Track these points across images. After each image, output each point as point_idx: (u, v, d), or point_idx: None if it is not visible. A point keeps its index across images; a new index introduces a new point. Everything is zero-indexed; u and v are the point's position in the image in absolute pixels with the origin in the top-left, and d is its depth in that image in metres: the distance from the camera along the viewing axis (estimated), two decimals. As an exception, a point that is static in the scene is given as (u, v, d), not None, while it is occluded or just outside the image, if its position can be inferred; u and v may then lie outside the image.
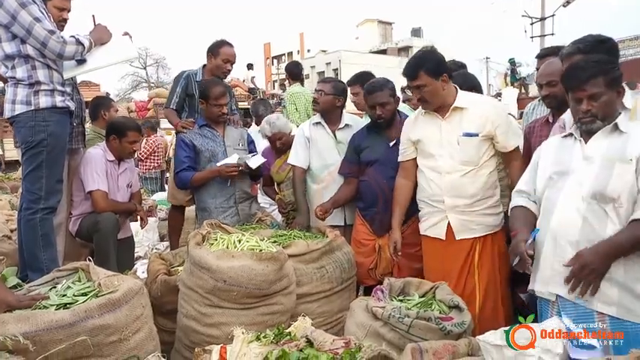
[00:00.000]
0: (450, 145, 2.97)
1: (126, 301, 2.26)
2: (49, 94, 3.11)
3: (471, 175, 2.96)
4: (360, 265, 3.47)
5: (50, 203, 3.14)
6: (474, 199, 2.97)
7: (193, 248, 2.67)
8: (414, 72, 2.93)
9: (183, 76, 4.31)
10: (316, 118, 3.83)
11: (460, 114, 2.97)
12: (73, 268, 2.60)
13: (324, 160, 3.76)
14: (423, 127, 3.08)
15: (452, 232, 3.02)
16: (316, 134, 3.78)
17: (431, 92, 2.93)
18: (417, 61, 2.97)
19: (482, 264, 3.00)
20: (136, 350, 2.29)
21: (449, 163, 2.97)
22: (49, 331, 2.06)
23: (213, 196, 3.78)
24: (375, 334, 2.48)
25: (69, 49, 3.12)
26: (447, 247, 3.04)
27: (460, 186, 2.96)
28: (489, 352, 1.84)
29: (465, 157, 2.95)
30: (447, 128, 2.98)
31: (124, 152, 3.77)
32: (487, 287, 3.01)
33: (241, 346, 2.13)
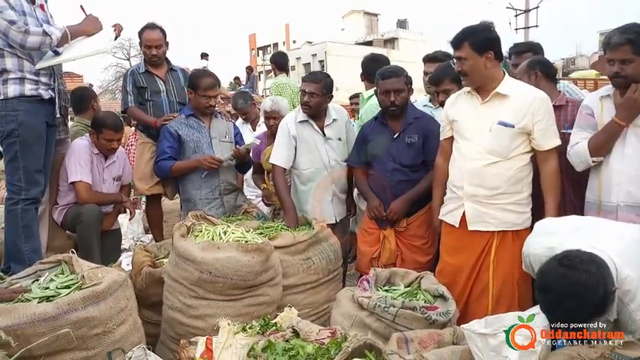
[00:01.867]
0: (482, 132, 2.81)
1: (110, 294, 2.24)
2: (18, 82, 3.06)
3: (496, 166, 2.78)
4: (364, 254, 3.47)
5: (31, 194, 3.09)
6: (495, 192, 2.80)
7: (178, 240, 2.65)
8: (459, 42, 2.79)
9: (129, 73, 4.26)
10: (301, 116, 3.66)
11: (501, 101, 2.80)
12: (56, 260, 2.56)
13: (314, 158, 3.64)
14: (462, 107, 2.95)
15: (464, 220, 2.90)
16: (303, 133, 3.64)
17: (471, 67, 2.77)
18: (464, 32, 2.81)
19: (498, 261, 2.84)
20: (120, 342, 2.28)
21: (475, 149, 2.83)
22: (32, 324, 2.04)
23: (197, 187, 3.74)
24: (361, 324, 2.49)
25: (31, 39, 3.04)
26: (462, 237, 2.92)
27: (482, 175, 2.81)
28: (474, 340, 1.86)
29: (493, 147, 2.78)
30: (484, 113, 2.83)
31: (103, 148, 3.68)
32: (502, 287, 2.85)
33: (227, 337, 2.13)
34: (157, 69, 4.21)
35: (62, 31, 3.17)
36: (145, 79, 4.16)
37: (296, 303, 2.89)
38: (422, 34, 45.15)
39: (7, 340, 1.92)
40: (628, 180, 2.56)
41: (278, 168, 3.62)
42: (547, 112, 2.78)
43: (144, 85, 4.14)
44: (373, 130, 3.50)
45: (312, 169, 3.64)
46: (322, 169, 3.64)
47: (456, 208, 2.94)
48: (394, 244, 3.37)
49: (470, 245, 2.89)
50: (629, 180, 2.55)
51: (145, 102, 4.14)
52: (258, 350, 1.92)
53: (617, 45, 2.40)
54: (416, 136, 3.35)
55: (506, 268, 2.83)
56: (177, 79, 4.28)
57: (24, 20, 3.06)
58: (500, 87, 2.80)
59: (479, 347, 1.84)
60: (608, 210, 2.63)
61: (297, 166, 3.68)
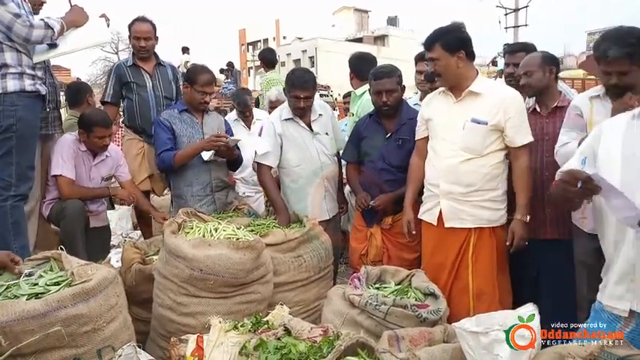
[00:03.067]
0: (455, 129, 2.87)
1: (100, 291, 2.22)
2: (18, 77, 3.02)
3: (470, 164, 2.84)
4: (354, 250, 3.52)
5: (21, 190, 3.05)
6: (470, 189, 2.86)
7: (169, 237, 2.63)
8: (430, 43, 2.85)
9: (115, 67, 4.25)
10: (286, 114, 3.62)
11: (474, 99, 2.86)
12: (45, 257, 2.54)
13: (304, 155, 3.60)
14: (435, 106, 3.01)
15: (442, 218, 2.95)
16: (290, 130, 3.61)
17: (444, 67, 2.83)
18: (435, 33, 2.87)
19: (477, 258, 2.90)
20: (110, 340, 2.26)
21: (449, 147, 2.88)
22: (21, 321, 2.02)
23: (189, 184, 3.71)
24: (352, 321, 2.50)
25: (36, 33, 3.02)
26: (440, 234, 2.98)
27: (457, 172, 2.86)
28: (465, 338, 1.87)
29: (467, 144, 2.84)
30: (457, 111, 2.89)
31: (94, 147, 3.61)
32: (482, 283, 2.89)
33: (218, 335, 2.12)
34: (144, 63, 4.18)
35: (60, 23, 3.14)
36: (131, 73, 4.13)
37: (287, 301, 2.88)
38: (412, 32, 45.26)
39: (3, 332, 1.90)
40: None
41: (264, 167, 3.58)
42: (519, 109, 2.86)
43: (129, 80, 4.11)
44: (367, 127, 3.50)
45: (303, 166, 3.61)
46: (313, 165, 3.61)
47: (434, 206, 2.99)
48: (380, 241, 3.39)
49: (448, 243, 2.95)
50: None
51: (132, 96, 4.11)
52: (250, 348, 1.91)
53: (616, 58, 2.38)
54: (408, 137, 3.34)
55: (485, 265, 2.89)
56: (165, 74, 4.26)
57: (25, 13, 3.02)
58: (474, 85, 2.86)
59: (470, 345, 1.85)
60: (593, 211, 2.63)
61: (286, 164, 3.64)
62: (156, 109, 4.11)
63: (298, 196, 3.64)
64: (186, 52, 16.47)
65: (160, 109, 4.09)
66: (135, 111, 4.12)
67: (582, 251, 2.73)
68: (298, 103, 3.52)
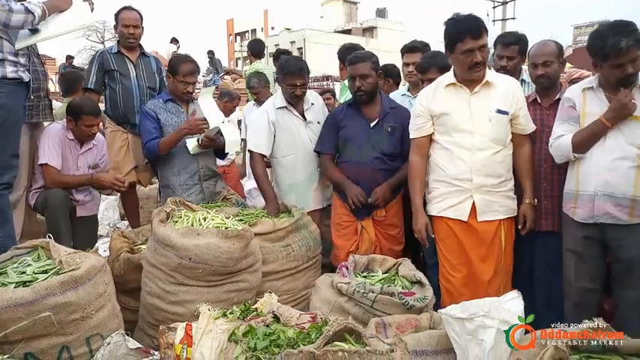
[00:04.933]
0: (481, 122, 2.83)
1: (88, 279, 2.23)
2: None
3: (500, 155, 2.85)
4: (341, 248, 3.40)
5: (5, 179, 3.01)
6: (500, 180, 2.87)
7: (157, 226, 2.63)
8: (480, 31, 2.75)
9: (98, 53, 4.21)
10: (279, 102, 3.60)
11: (488, 89, 2.85)
12: (32, 245, 2.53)
13: (296, 143, 3.58)
14: (448, 100, 2.90)
15: (474, 213, 2.86)
16: (283, 119, 3.58)
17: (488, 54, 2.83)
18: (481, 22, 2.79)
19: (506, 248, 2.91)
20: (99, 328, 2.27)
21: (479, 139, 2.83)
22: (8, 309, 2.02)
23: (176, 173, 3.70)
24: (340, 309, 2.53)
25: (15, 17, 2.96)
26: (468, 230, 2.88)
27: (491, 164, 2.84)
28: (451, 324, 1.91)
29: (496, 135, 2.84)
30: (477, 103, 2.84)
31: (82, 135, 3.58)
32: (507, 273, 2.94)
33: (207, 322, 2.14)
34: (129, 52, 4.16)
35: (41, 8, 3.09)
36: (115, 61, 4.09)
37: (275, 289, 2.89)
38: (401, 24, 45.29)
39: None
40: (607, 170, 2.59)
41: (257, 155, 3.56)
42: (523, 97, 2.96)
43: (113, 68, 4.07)
44: (346, 116, 3.45)
45: (296, 155, 3.59)
46: (306, 154, 3.59)
47: (462, 201, 2.88)
48: (373, 234, 3.34)
49: (478, 237, 2.88)
50: (609, 170, 2.59)
51: (115, 85, 4.08)
52: (239, 335, 1.93)
53: (630, 47, 2.44)
54: (396, 125, 3.34)
55: (510, 255, 2.95)
56: (149, 64, 4.24)
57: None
58: (488, 75, 2.86)
59: (456, 331, 1.89)
60: (585, 199, 2.66)
61: (279, 152, 3.62)
62: (139, 99, 4.09)
63: (291, 185, 3.62)
64: (174, 42, 16.30)
65: (143, 99, 4.06)
66: (118, 100, 4.09)
67: (571, 240, 2.77)
68: (295, 91, 3.49)
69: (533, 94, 3.15)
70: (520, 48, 3.36)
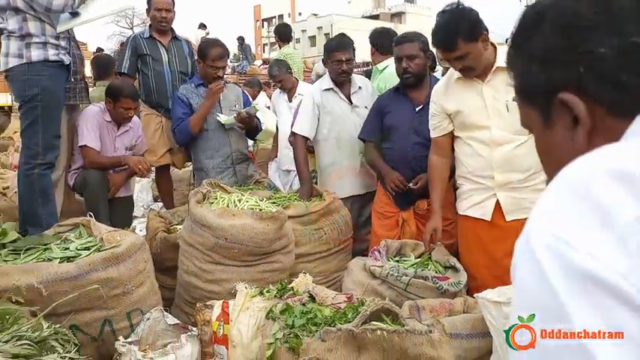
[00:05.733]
0: (498, 113, 2.57)
1: (129, 256, 2.29)
2: (42, 47, 3.05)
3: (525, 146, 2.50)
4: (381, 238, 3.19)
5: (48, 159, 3.11)
6: (528, 173, 2.56)
7: (194, 206, 2.68)
8: (452, 43, 2.51)
9: (131, 38, 4.26)
10: (326, 84, 3.54)
11: (503, 74, 2.49)
12: (74, 223, 2.61)
13: (340, 127, 3.53)
14: (460, 96, 2.69)
15: (499, 212, 2.62)
16: (329, 101, 3.53)
17: (474, 59, 2.53)
18: (448, 31, 2.52)
19: None
20: (139, 304, 2.33)
21: (499, 133, 2.57)
22: (55, 282, 2.09)
23: (210, 156, 3.76)
24: (373, 291, 2.54)
25: (57, 1, 3.02)
26: (492, 230, 2.65)
27: (514, 159, 2.55)
28: (488, 308, 1.91)
29: (517, 125, 2.53)
30: (491, 93, 2.60)
31: (119, 117, 3.65)
32: None
33: (244, 300, 2.18)
34: (161, 36, 4.19)
35: None
36: (147, 45, 4.14)
37: (307, 271, 2.90)
38: (429, 9, 44.54)
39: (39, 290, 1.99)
40: None
41: (299, 138, 3.54)
42: None
43: (145, 53, 4.12)
44: (392, 101, 3.33)
45: (338, 139, 3.56)
46: (350, 139, 3.53)
47: (485, 199, 2.67)
48: (414, 226, 3.18)
49: (502, 237, 2.57)
50: None
51: (148, 70, 4.14)
52: (277, 312, 1.97)
53: None
54: None
55: None
56: (181, 49, 4.27)
57: None
58: (500, 60, 2.54)
59: (492, 315, 1.89)
60: None
61: (322, 135, 3.59)
62: (172, 84, 4.13)
63: (332, 169, 3.59)
64: (202, 28, 16.39)
65: (175, 84, 4.11)
66: (151, 86, 4.14)
67: None
68: (340, 67, 3.45)
69: None
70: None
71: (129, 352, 2.11)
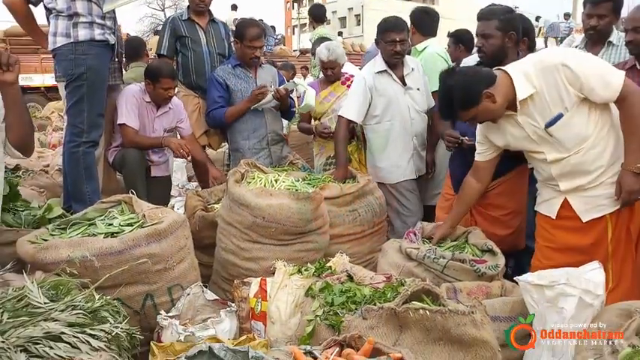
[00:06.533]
0: (543, 140, 2.43)
1: (171, 232, 2.34)
2: (88, 26, 3.11)
3: (585, 154, 2.38)
4: (438, 219, 3.21)
5: (92, 137, 3.19)
6: (597, 173, 2.39)
7: (233, 185, 2.72)
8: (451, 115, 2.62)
9: (170, 20, 4.27)
10: (379, 67, 3.48)
11: (532, 103, 2.39)
12: (116, 200, 2.67)
13: (394, 110, 3.47)
14: (502, 128, 2.55)
15: (568, 209, 2.48)
16: (382, 83, 3.46)
17: (485, 115, 2.47)
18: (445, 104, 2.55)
19: (616, 239, 2.43)
20: (179, 279, 2.39)
21: (554, 156, 2.43)
22: (100, 257, 2.16)
23: (246, 137, 3.80)
24: (409, 273, 2.54)
25: None
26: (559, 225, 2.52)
27: (577, 167, 2.40)
28: (529, 291, 1.89)
29: (568, 143, 2.37)
30: (527, 121, 2.43)
31: (158, 98, 3.68)
32: (622, 267, 2.44)
33: (283, 278, 2.21)
34: (199, 18, 4.21)
35: None
36: (186, 27, 4.16)
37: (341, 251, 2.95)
38: (463, -9, 43.45)
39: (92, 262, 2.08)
40: None
41: (344, 120, 3.49)
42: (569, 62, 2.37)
43: (184, 34, 4.14)
44: None
45: (392, 122, 3.50)
46: (403, 121, 3.49)
47: (553, 197, 2.54)
48: (467, 213, 3.04)
49: (582, 234, 2.47)
50: None
51: (187, 51, 4.17)
52: (316, 290, 1.99)
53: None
54: None
55: (626, 244, 2.46)
56: (218, 31, 4.28)
57: None
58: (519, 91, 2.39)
59: (534, 298, 1.87)
60: None
61: (375, 119, 3.54)
62: (210, 65, 4.16)
63: (385, 153, 3.54)
64: (234, 9, 16.42)
65: (214, 66, 4.13)
66: (190, 67, 4.17)
67: None
68: (394, 47, 3.37)
69: (632, 60, 2.89)
70: (614, 5, 3.11)
71: (170, 326, 2.18)
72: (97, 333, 1.64)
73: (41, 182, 3.98)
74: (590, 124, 2.35)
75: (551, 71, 2.31)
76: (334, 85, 3.97)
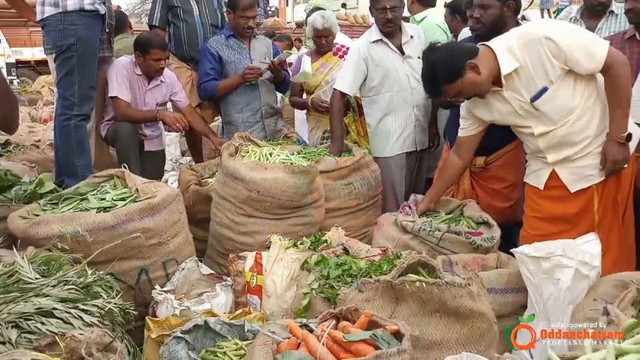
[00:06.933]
0: (530, 114, 2.43)
1: (164, 206, 2.31)
2: None
3: (571, 125, 2.38)
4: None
5: (84, 110, 3.13)
6: (583, 144, 2.40)
7: (227, 159, 2.69)
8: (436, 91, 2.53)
9: None
10: (375, 36, 3.34)
11: (515, 77, 2.39)
12: (109, 174, 2.63)
13: (392, 80, 3.34)
14: (488, 104, 2.54)
15: (556, 180, 2.49)
16: (378, 53, 3.33)
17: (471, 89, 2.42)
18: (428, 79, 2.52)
19: (603, 208, 2.45)
20: (174, 254, 2.37)
21: (541, 129, 2.43)
22: (93, 232, 2.13)
23: (239, 110, 3.75)
24: (405, 246, 2.53)
25: None
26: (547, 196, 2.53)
27: (565, 138, 2.41)
28: (525, 263, 1.89)
29: (555, 116, 2.38)
30: (513, 96, 2.43)
31: (150, 70, 3.58)
32: (609, 236, 2.42)
33: (278, 251, 2.20)
34: None
35: None
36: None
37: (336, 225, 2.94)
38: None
39: (84, 236, 2.05)
40: None
41: (338, 93, 3.37)
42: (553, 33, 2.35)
43: (176, 4, 4.05)
44: None
45: (391, 93, 3.36)
46: (403, 91, 3.35)
47: (540, 169, 2.55)
48: (468, 184, 3.03)
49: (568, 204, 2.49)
50: None
51: (179, 22, 4.08)
52: (312, 264, 1.99)
53: None
54: None
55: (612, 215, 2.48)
56: (211, 1, 4.20)
57: None
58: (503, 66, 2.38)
59: (530, 270, 1.87)
60: None
61: (373, 90, 3.41)
62: (203, 36, 4.08)
63: (385, 126, 3.42)
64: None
65: (207, 37, 4.06)
66: (182, 38, 4.10)
67: None
68: (385, 15, 3.24)
69: (631, 30, 2.84)
70: None
71: (165, 301, 2.16)
72: (89, 308, 1.63)
73: (32, 157, 3.91)
74: (576, 95, 2.35)
75: (535, 45, 2.30)
76: (326, 56, 3.85)
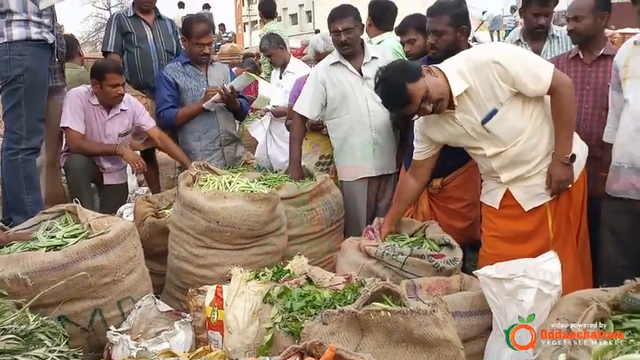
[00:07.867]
0: (481, 135, 2.46)
1: (118, 242, 2.23)
2: (23, 24, 2.91)
3: (522, 145, 2.43)
4: None
5: (32, 143, 3.00)
6: (536, 162, 2.45)
7: (184, 189, 2.61)
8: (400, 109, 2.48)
9: (114, 16, 4.20)
10: (334, 58, 3.30)
11: (467, 101, 2.41)
12: (59, 210, 2.53)
13: (351, 103, 3.26)
14: (440, 126, 2.57)
15: (510, 199, 2.53)
16: (336, 76, 3.27)
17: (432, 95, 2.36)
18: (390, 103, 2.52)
19: (557, 225, 2.51)
20: (129, 292, 2.28)
21: (492, 150, 2.47)
22: (42, 272, 2.03)
23: (197, 138, 3.69)
24: (369, 271, 2.51)
25: None
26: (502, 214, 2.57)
27: (515, 158, 2.45)
28: (488, 285, 1.88)
29: (505, 137, 2.42)
30: (465, 118, 2.46)
31: (108, 98, 3.46)
32: (564, 251, 2.36)
33: (239, 284, 2.14)
34: (145, 15, 4.11)
35: None
36: (131, 24, 4.06)
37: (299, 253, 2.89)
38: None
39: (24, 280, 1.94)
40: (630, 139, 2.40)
41: (297, 116, 3.36)
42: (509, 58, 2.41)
43: (130, 31, 4.03)
44: None
45: (349, 115, 3.27)
46: (360, 114, 3.26)
47: (495, 188, 2.58)
48: (427, 206, 3.04)
49: (523, 222, 2.54)
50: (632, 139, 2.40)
51: (132, 49, 4.02)
52: (274, 296, 1.93)
53: None
54: None
55: (566, 229, 2.53)
56: (165, 27, 4.20)
57: None
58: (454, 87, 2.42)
59: (494, 292, 1.87)
60: (613, 171, 2.50)
61: (332, 114, 3.34)
62: (158, 63, 4.05)
63: (345, 150, 3.35)
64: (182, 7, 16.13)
65: (162, 63, 4.03)
66: (136, 65, 4.06)
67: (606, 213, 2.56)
68: (339, 37, 3.21)
69: (575, 50, 2.94)
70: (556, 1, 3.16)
71: (121, 342, 2.07)
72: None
73: (-22, 193, 3.73)
74: (525, 116, 2.41)
75: (484, 68, 2.34)
76: None
